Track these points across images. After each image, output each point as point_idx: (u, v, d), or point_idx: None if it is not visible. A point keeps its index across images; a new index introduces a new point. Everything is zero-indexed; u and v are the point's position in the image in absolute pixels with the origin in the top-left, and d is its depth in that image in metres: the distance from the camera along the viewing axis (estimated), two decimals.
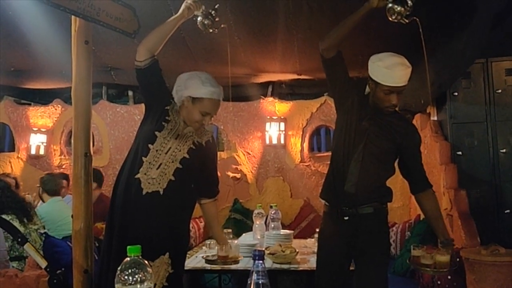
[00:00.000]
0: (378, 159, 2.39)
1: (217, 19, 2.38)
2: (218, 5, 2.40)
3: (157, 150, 2.23)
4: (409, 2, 2.10)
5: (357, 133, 2.40)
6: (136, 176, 2.21)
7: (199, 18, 2.34)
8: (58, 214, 3.77)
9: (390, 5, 2.14)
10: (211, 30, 2.40)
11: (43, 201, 4.05)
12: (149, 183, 2.20)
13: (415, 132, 2.51)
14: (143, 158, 2.23)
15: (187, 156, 2.27)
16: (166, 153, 2.23)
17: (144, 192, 2.19)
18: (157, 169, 2.21)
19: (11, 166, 5.90)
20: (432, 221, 2.43)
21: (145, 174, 2.21)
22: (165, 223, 2.22)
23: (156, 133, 2.26)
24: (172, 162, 2.23)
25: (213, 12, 2.36)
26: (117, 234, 2.21)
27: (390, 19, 2.19)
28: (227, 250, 2.65)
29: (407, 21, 2.14)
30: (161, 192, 2.20)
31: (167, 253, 2.19)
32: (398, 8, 2.12)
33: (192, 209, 2.40)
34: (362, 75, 2.38)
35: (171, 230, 2.23)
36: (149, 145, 2.24)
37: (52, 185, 4.00)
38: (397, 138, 2.41)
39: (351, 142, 2.41)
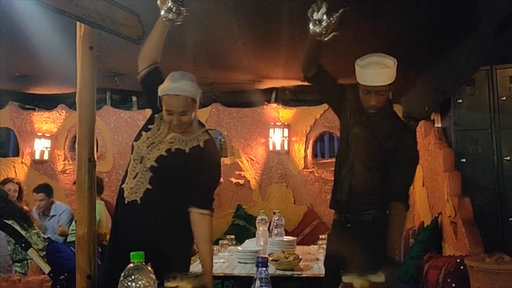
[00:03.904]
0: (366, 166, 2.34)
1: (182, 9, 2.13)
2: None
3: (134, 160, 2.24)
4: (323, 23, 2.00)
5: (349, 139, 2.39)
6: (122, 186, 2.25)
7: (162, 12, 2.12)
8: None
9: (311, 26, 2.05)
10: (177, 23, 2.17)
11: None
12: (129, 192, 2.21)
13: (410, 145, 2.34)
14: (128, 168, 2.26)
15: (154, 164, 2.19)
16: (140, 163, 2.22)
17: (126, 202, 2.21)
18: (133, 178, 2.21)
19: (15, 171, 5.92)
20: (389, 236, 2.24)
21: (127, 184, 2.23)
22: (145, 232, 2.17)
23: (133, 143, 2.27)
24: (146, 171, 2.20)
25: (173, 7, 2.11)
26: (111, 241, 2.28)
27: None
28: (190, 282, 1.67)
29: (326, 39, 2.05)
30: (138, 201, 2.19)
31: (148, 263, 2.13)
32: (317, 30, 2.02)
33: (183, 216, 2.25)
34: None
35: (154, 239, 2.15)
36: (130, 156, 2.27)
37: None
38: (383, 144, 2.31)
39: (343, 149, 2.41)
